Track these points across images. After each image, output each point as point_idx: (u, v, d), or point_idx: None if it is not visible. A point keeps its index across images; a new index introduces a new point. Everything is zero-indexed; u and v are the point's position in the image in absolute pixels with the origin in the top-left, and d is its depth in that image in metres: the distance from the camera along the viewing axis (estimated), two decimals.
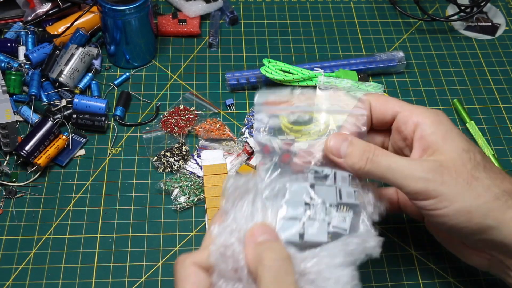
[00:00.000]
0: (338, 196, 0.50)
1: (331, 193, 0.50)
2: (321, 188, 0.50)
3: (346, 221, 0.49)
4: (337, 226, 0.48)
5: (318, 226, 0.48)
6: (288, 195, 0.49)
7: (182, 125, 0.74)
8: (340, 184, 0.51)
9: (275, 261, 0.43)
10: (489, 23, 0.92)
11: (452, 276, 0.63)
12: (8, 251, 0.63)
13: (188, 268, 0.45)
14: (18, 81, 0.75)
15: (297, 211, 0.48)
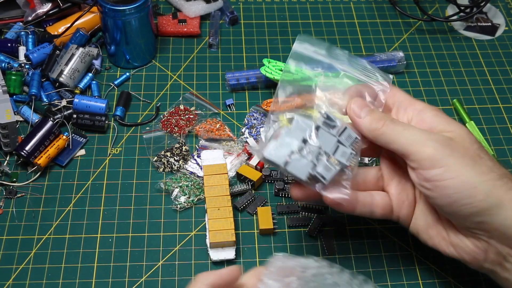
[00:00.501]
0: (335, 148, 0.53)
1: (330, 142, 0.53)
2: (324, 133, 0.53)
3: (330, 172, 0.52)
4: (320, 173, 0.52)
5: (304, 164, 0.52)
6: (292, 124, 0.53)
7: (182, 125, 0.74)
8: (343, 140, 0.54)
9: None
10: (489, 23, 0.92)
11: (452, 276, 0.63)
12: (8, 251, 0.63)
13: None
14: (19, 81, 0.75)
15: (292, 141, 0.52)
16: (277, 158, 0.52)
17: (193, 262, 0.63)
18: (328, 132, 0.54)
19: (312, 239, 0.66)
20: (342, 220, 0.67)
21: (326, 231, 0.66)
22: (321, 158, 0.52)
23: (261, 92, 0.80)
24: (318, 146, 0.53)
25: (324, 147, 0.53)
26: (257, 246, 0.65)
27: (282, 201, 0.68)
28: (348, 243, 0.65)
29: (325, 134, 0.53)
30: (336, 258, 0.64)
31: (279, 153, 0.52)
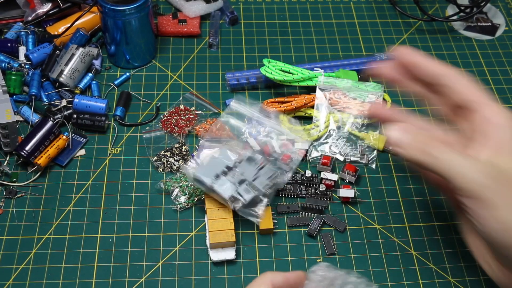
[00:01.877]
0: (254, 177, 0.64)
1: (250, 171, 0.64)
2: (249, 164, 0.65)
3: (248, 196, 0.62)
4: (241, 194, 0.62)
5: (228, 185, 0.62)
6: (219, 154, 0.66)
7: (182, 125, 0.74)
8: (262, 173, 0.64)
9: None
10: (489, 23, 0.92)
11: (452, 276, 0.63)
12: (9, 251, 0.63)
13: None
14: (19, 81, 0.75)
15: (219, 166, 0.64)
16: (206, 178, 0.63)
17: (193, 262, 0.63)
18: (253, 162, 0.65)
19: (312, 239, 0.66)
20: (342, 220, 0.67)
21: (326, 231, 0.66)
22: (242, 184, 0.63)
23: (261, 92, 0.80)
24: (241, 173, 0.64)
25: (245, 175, 0.64)
26: (257, 246, 0.65)
27: (282, 201, 0.68)
28: (348, 243, 0.65)
29: (246, 166, 0.65)
30: (336, 258, 0.64)
31: (207, 174, 0.63)
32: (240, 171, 0.64)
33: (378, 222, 0.67)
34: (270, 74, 0.76)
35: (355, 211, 0.68)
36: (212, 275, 0.62)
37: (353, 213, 0.68)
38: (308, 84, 0.76)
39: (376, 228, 0.67)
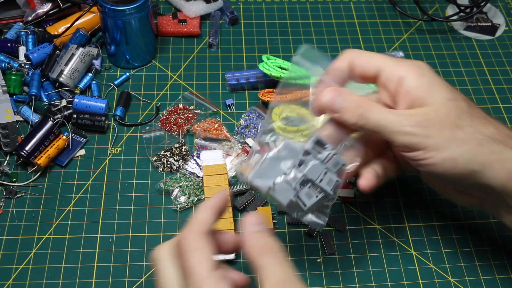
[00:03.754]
0: (321, 176, 0.53)
1: (317, 169, 0.53)
2: (311, 160, 0.53)
3: (310, 200, 0.53)
4: (301, 199, 0.53)
5: (287, 190, 0.53)
6: (279, 149, 0.54)
7: (181, 124, 0.74)
8: (330, 166, 0.54)
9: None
10: (489, 23, 0.92)
11: (452, 276, 0.63)
12: (8, 251, 0.63)
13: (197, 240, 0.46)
14: (19, 81, 0.75)
15: (277, 167, 0.53)
16: (262, 184, 0.53)
17: None
18: (316, 158, 0.54)
19: (312, 239, 0.66)
20: (342, 220, 0.67)
21: (326, 231, 0.66)
22: (304, 185, 0.53)
23: None
24: (303, 173, 0.53)
25: (309, 174, 0.53)
26: None
27: None
28: (348, 243, 0.65)
29: (313, 160, 0.54)
30: (336, 258, 0.64)
31: (264, 178, 0.53)
32: (303, 169, 0.53)
33: (378, 222, 0.67)
34: (268, 71, 0.76)
35: (355, 211, 0.68)
36: None
37: (353, 213, 0.68)
38: (305, 82, 0.76)
39: (376, 228, 0.67)
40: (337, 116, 0.54)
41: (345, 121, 0.54)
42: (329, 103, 0.54)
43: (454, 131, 0.52)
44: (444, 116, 0.52)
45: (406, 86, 0.54)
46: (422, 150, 0.52)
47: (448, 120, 0.52)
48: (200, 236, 0.46)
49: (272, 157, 0.54)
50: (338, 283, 0.62)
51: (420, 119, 0.52)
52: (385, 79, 0.55)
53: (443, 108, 0.52)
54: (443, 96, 0.53)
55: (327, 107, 0.55)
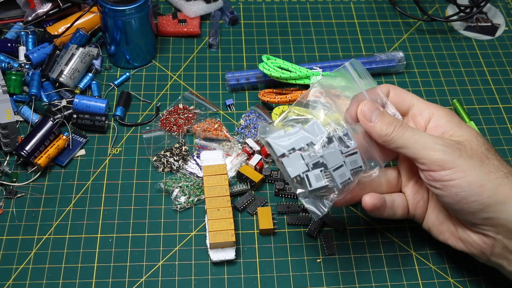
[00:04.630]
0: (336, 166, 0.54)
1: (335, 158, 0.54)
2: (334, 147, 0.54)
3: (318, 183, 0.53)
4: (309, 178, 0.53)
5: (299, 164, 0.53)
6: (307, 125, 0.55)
7: (181, 124, 0.74)
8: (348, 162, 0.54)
9: None
10: (489, 23, 0.92)
11: (452, 276, 0.63)
12: (9, 251, 0.63)
13: None
14: (19, 81, 0.75)
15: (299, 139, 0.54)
16: (277, 147, 0.54)
17: (193, 262, 0.63)
18: (338, 148, 0.54)
19: (312, 239, 0.66)
20: (342, 220, 0.67)
21: (326, 231, 0.66)
22: (317, 167, 0.53)
23: None
24: (321, 155, 0.54)
25: (326, 159, 0.54)
26: (257, 246, 0.65)
27: (282, 201, 0.68)
28: (348, 243, 0.65)
29: (335, 148, 0.54)
30: (336, 258, 0.64)
31: (281, 143, 0.54)
32: (323, 152, 0.54)
33: (378, 222, 0.67)
34: (268, 71, 0.76)
35: (355, 211, 0.68)
36: (212, 275, 0.62)
37: (353, 213, 0.68)
38: (305, 82, 0.76)
39: (376, 228, 0.67)
40: (370, 125, 0.56)
41: (377, 132, 0.56)
42: (367, 113, 0.56)
43: (484, 160, 0.54)
44: (475, 146, 0.55)
45: (437, 121, 0.57)
46: (451, 169, 0.53)
47: (479, 149, 0.54)
48: None
49: (297, 129, 0.55)
50: (338, 283, 0.62)
51: (453, 142, 0.54)
52: (417, 112, 0.59)
53: (474, 140, 0.55)
54: (472, 132, 0.56)
55: (364, 115, 0.56)
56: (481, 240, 0.55)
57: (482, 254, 0.56)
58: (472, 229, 0.56)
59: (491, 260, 0.56)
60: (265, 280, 0.62)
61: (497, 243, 0.54)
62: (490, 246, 0.55)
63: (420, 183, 0.60)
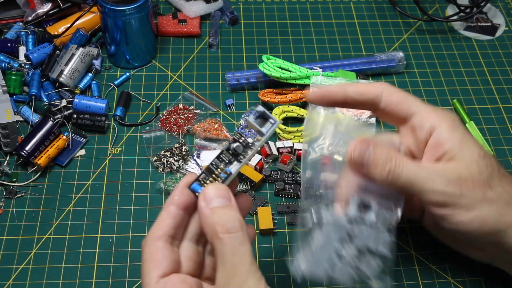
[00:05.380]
0: (375, 241, 0.50)
1: (367, 237, 0.50)
2: (360, 228, 0.50)
3: (372, 269, 0.50)
4: (363, 271, 0.50)
5: (345, 269, 0.50)
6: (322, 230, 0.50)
7: (181, 124, 0.74)
8: (380, 225, 0.51)
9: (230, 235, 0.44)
10: (489, 23, 0.92)
11: (452, 276, 0.63)
12: (9, 251, 0.63)
13: (151, 247, 0.45)
14: (19, 81, 0.75)
15: (327, 250, 0.50)
16: (319, 273, 0.50)
17: None
18: (363, 223, 0.50)
19: None
20: None
21: None
22: (361, 256, 0.50)
23: None
24: (355, 246, 0.50)
25: (361, 244, 0.50)
26: (257, 246, 0.65)
27: (282, 201, 0.68)
28: None
29: (360, 227, 0.50)
30: None
31: (318, 265, 0.50)
32: (354, 238, 0.50)
33: None
34: (268, 71, 0.76)
35: None
36: None
37: None
38: (305, 83, 0.76)
39: None
40: (365, 172, 0.51)
41: (374, 177, 0.51)
42: (358, 159, 0.51)
43: (485, 190, 0.51)
44: (477, 175, 0.51)
45: (438, 137, 0.52)
46: (452, 207, 0.51)
47: (480, 178, 0.51)
48: (152, 243, 0.46)
49: (319, 242, 0.51)
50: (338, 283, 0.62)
51: (453, 177, 0.50)
52: (416, 125, 0.53)
53: (475, 166, 0.51)
54: (475, 152, 0.52)
55: (357, 164, 0.51)
56: (480, 254, 0.57)
57: (482, 260, 0.57)
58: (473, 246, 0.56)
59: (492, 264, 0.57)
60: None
61: (498, 255, 0.55)
62: (490, 257, 0.56)
63: None
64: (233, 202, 0.46)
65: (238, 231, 0.44)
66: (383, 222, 0.51)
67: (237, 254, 0.43)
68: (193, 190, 0.47)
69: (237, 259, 0.43)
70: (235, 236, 0.43)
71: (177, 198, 0.47)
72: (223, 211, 0.45)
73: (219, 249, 0.44)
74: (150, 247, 0.46)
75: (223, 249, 0.43)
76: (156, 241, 0.46)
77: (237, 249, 0.43)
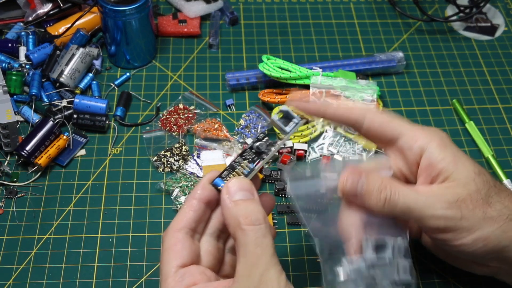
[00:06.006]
0: (397, 273, 0.49)
1: (390, 270, 0.49)
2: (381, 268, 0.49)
3: None
4: None
5: None
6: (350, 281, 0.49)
7: (181, 124, 0.74)
8: (396, 255, 0.49)
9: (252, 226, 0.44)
10: (488, 23, 0.92)
11: (452, 276, 0.63)
12: (9, 251, 0.63)
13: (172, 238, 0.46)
14: (19, 81, 0.76)
15: None
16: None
17: None
18: (383, 263, 0.49)
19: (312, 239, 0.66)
20: None
21: None
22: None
23: None
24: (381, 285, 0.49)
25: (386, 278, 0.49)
26: None
27: (282, 201, 0.68)
28: None
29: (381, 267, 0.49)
30: None
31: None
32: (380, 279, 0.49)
33: None
34: (268, 71, 0.76)
35: None
36: None
37: None
38: (305, 83, 0.77)
39: None
40: (361, 203, 0.50)
41: (371, 208, 0.50)
42: (351, 191, 0.50)
43: (485, 209, 0.49)
44: (475, 194, 0.49)
45: (430, 158, 0.50)
46: (454, 232, 0.49)
47: (479, 197, 0.49)
48: (173, 234, 0.46)
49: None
50: None
51: (451, 200, 0.49)
52: (404, 147, 0.52)
53: (473, 185, 0.50)
54: (470, 170, 0.50)
55: (350, 195, 0.50)
56: (484, 269, 0.56)
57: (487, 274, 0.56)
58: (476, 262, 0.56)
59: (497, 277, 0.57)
60: None
61: (501, 270, 0.55)
62: (493, 272, 0.56)
63: None
64: (256, 196, 0.46)
65: (261, 223, 0.44)
66: (398, 251, 0.50)
67: (260, 246, 0.43)
68: (216, 185, 0.48)
69: (259, 250, 0.43)
70: (258, 228, 0.44)
71: (199, 192, 0.48)
72: (247, 203, 0.45)
73: (242, 240, 0.44)
74: (170, 237, 0.46)
75: (246, 240, 0.43)
76: (177, 232, 0.46)
77: (260, 240, 0.43)
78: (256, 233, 0.43)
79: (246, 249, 0.43)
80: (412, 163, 0.52)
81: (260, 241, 0.43)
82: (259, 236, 0.43)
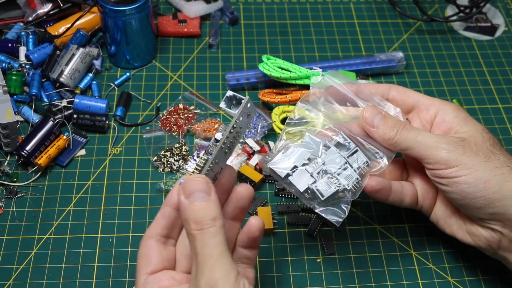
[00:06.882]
0: (341, 170, 0.55)
1: (337, 162, 0.56)
2: (332, 153, 0.56)
3: (328, 190, 0.55)
4: (319, 189, 0.55)
5: (304, 178, 0.55)
6: (302, 141, 0.57)
7: (181, 124, 0.74)
8: (352, 162, 0.56)
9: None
10: (488, 23, 0.92)
11: (451, 276, 0.63)
12: (9, 251, 0.63)
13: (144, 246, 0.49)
14: (19, 81, 0.76)
15: (298, 156, 0.56)
16: (280, 170, 0.55)
17: None
18: (338, 152, 0.56)
19: (312, 239, 0.66)
20: None
21: (326, 231, 0.66)
22: (323, 176, 0.55)
23: None
24: (322, 163, 0.55)
25: (328, 165, 0.56)
26: None
27: (282, 201, 0.69)
28: (348, 243, 0.65)
29: (334, 153, 0.56)
30: (336, 258, 0.64)
31: (283, 165, 0.56)
32: (324, 160, 0.56)
33: (377, 222, 0.67)
34: (268, 71, 0.76)
35: (355, 211, 0.68)
36: None
37: (353, 213, 0.68)
38: (305, 83, 0.77)
39: (376, 228, 0.67)
40: (374, 131, 0.56)
41: (381, 136, 0.56)
42: (369, 118, 0.56)
43: (489, 156, 0.54)
44: (480, 142, 0.55)
45: (443, 116, 0.58)
46: (456, 167, 0.53)
47: (484, 146, 0.55)
48: (145, 243, 0.49)
49: (294, 147, 0.57)
50: (338, 283, 0.62)
51: (457, 140, 0.55)
52: (423, 107, 0.59)
53: (480, 136, 0.56)
54: (478, 127, 0.56)
55: (366, 121, 0.57)
56: (488, 234, 0.56)
57: (489, 247, 0.57)
58: (479, 223, 0.56)
59: (497, 253, 0.57)
60: (265, 280, 0.62)
61: (504, 237, 0.55)
62: (497, 240, 0.56)
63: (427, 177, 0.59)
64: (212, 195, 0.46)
65: (211, 226, 0.44)
66: (355, 160, 0.56)
67: (207, 246, 0.44)
68: None
69: (206, 251, 0.44)
70: (206, 231, 0.44)
71: (169, 198, 0.49)
72: (199, 206, 0.45)
73: (192, 243, 0.45)
74: (143, 246, 0.49)
75: (194, 243, 0.44)
76: (149, 240, 0.49)
77: (206, 242, 0.44)
78: (203, 235, 0.44)
79: (196, 251, 0.44)
80: (427, 121, 0.59)
81: (207, 242, 0.44)
82: (207, 238, 0.44)
